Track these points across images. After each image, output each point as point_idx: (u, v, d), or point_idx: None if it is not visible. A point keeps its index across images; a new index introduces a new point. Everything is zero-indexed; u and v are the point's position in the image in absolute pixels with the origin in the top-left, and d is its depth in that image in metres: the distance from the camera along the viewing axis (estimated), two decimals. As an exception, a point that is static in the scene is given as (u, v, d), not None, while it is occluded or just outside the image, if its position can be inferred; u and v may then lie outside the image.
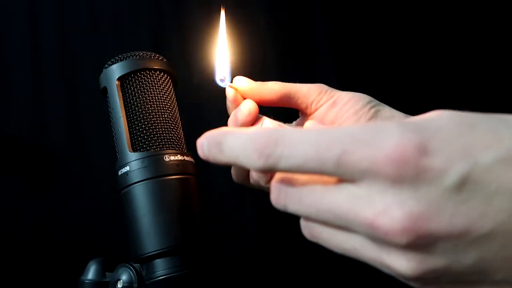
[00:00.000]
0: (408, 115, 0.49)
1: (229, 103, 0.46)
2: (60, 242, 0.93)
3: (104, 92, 0.48)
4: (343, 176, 0.25)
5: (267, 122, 0.32)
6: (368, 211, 0.24)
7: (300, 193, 0.27)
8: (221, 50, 0.47)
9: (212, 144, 0.29)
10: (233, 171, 0.49)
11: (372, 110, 0.47)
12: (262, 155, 0.26)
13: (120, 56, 0.47)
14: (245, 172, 0.48)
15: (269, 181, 0.46)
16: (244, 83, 0.46)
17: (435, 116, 0.25)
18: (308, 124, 0.30)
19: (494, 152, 0.23)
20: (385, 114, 0.47)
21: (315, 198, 0.26)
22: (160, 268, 0.43)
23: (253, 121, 0.45)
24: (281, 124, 0.31)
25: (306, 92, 0.47)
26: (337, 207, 0.25)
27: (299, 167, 0.25)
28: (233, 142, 0.28)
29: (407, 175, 0.23)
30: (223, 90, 0.47)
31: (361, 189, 0.24)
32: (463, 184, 0.23)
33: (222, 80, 0.46)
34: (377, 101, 0.48)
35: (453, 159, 0.23)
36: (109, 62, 0.47)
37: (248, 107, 0.45)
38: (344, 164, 0.24)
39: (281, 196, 0.28)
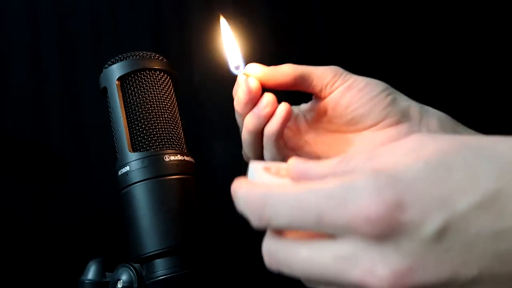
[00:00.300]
0: (423, 105, 0.48)
1: (243, 94, 0.45)
2: (60, 242, 0.93)
3: (104, 92, 0.48)
4: (327, 233, 0.26)
5: (252, 171, 0.32)
6: (355, 272, 0.24)
7: (288, 259, 0.27)
8: (229, 39, 0.47)
9: (232, 194, 0.31)
10: (245, 151, 0.49)
11: (389, 98, 0.46)
12: (256, 216, 0.27)
13: (120, 56, 0.47)
14: (257, 155, 0.47)
15: (283, 160, 0.46)
16: (257, 69, 0.46)
17: (411, 161, 0.25)
18: (291, 162, 0.30)
19: (471, 198, 0.23)
20: (402, 103, 0.47)
21: (303, 263, 0.27)
22: (160, 268, 0.43)
23: (274, 110, 0.45)
24: (268, 166, 0.32)
25: (320, 74, 0.47)
26: (325, 270, 0.26)
27: (288, 226, 0.27)
28: (238, 199, 0.29)
29: (385, 232, 0.23)
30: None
31: (345, 247, 0.25)
32: (442, 234, 0.23)
33: (236, 68, 0.46)
34: (393, 89, 0.47)
35: (429, 210, 0.23)
36: (109, 62, 0.47)
37: (267, 101, 0.44)
38: (323, 224, 0.25)
39: (272, 263, 0.28)
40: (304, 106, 0.50)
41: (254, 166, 0.32)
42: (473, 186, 0.23)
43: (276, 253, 0.28)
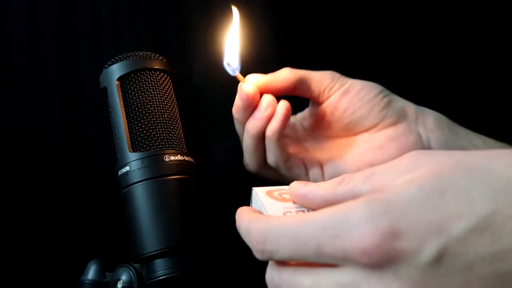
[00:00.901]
0: (418, 106, 0.49)
1: (241, 100, 0.45)
2: (60, 242, 0.93)
3: (104, 92, 0.48)
4: (328, 262, 0.26)
5: (255, 196, 0.33)
6: None
7: None
8: (233, 34, 0.47)
9: (236, 223, 0.31)
10: (247, 160, 0.49)
11: (385, 100, 0.47)
12: (258, 252, 0.28)
13: (120, 56, 0.47)
14: (260, 161, 0.48)
15: (286, 161, 0.46)
16: (256, 78, 0.46)
17: (405, 185, 0.25)
18: (292, 185, 0.31)
19: (466, 222, 0.23)
20: (397, 104, 0.48)
21: None
22: (160, 268, 0.43)
23: (274, 111, 0.45)
24: (270, 190, 0.32)
25: (318, 79, 0.47)
26: None
27: (289, 259, 0.27)
28: (241, 231, 0.30)
29: (382, 261, 0.24)
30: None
31: (346, 275, 0.25)
32: (440, 259, 0.23)
33: (228, 65, 0.46)
34: (388, 91, 0.48)
35: (424, 237, 0.23)
36: (109, 62, 0.47)
37: (267, 102, 0.45)
38: (323, 255, 0.25)
39: None
40: (300, 115, 0.51)
41: (257, 191, 0.32)
42: (468, 210, 0.23)
43: (279, 282, 0.28)
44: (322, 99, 0.48)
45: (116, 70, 0.46)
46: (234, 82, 0.48)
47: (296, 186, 0.31)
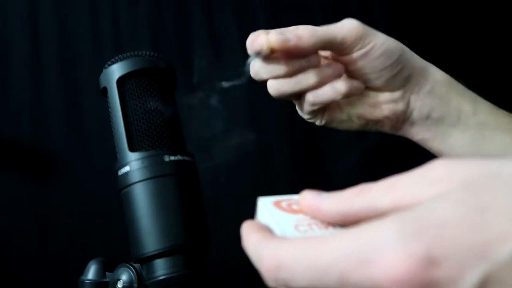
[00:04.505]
0: (426, 65, 0.48)
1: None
2: (60, 242, 0.93)
3: (104, 92, 0.48)
4: None
5: (261, 208, 0.29)
6: None
7: None
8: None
9: (242, 241, 0.28)
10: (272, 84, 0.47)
11: (399, 67, 0.46)
12: (271, 279, 0.25)
13: (120, 56, 0.47)
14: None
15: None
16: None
17: (439, 201, 0.22)
18: (303, 195, 0.27)
19: None
20: (406, 71, 0.47)
21: None
22: (160, 268, 0.43)
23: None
24: (278, 200, 0.29)
25: (342, 37, 0.44)
26: None
27: (308, 287, 0.24)
28: (250, 254, 0.27)
29: None
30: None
31: None
32: (484, 286, 0.21)
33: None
34: (405, 51, 0.47)
35: (465, 263, 0.20)
36: (109, 62, 0.47)
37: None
38: (347, 285, 0.22)
39: None
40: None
41: (264, 202, 0.29)
42: None
43: None
44: (346, 52, 0.46)
45: (116, 70, 0.46)
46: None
47: (307, 196, 0.27)
